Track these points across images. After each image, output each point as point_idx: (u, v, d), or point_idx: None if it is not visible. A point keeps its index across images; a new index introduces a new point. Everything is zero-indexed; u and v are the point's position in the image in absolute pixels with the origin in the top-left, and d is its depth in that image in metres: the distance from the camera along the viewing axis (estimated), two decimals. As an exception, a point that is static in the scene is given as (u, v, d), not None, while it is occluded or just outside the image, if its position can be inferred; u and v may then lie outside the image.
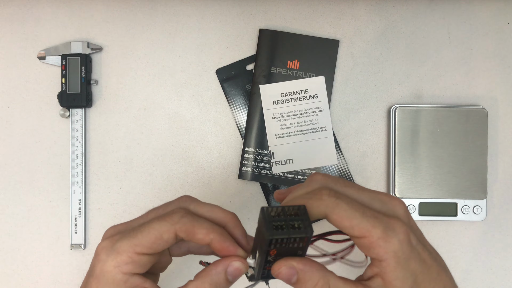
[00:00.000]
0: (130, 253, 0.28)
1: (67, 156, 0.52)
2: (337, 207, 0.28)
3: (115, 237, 0.29)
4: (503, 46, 0.53)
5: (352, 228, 0.28)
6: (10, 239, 0.52)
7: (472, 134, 0.50)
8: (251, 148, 0.51)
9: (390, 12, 0.53)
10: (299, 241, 0.28)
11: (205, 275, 0.29)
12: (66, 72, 0.51)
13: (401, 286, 0.28)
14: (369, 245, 0.28)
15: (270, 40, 0.52)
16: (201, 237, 0.29)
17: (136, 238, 0.28)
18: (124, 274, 0.28)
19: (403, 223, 0.28)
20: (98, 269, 0.29)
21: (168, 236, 0.29)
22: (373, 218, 0.28)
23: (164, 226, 0.29)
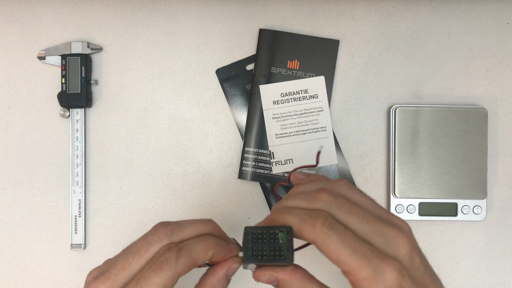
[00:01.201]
0: None
1: (67, 156, 0.52)
2: (327, 239, 0.27)
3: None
4: (503, 46, 0.53)
5: (339, 263, 0.27)
6: (10, 239, 0.52)
7: (472, 134, 0.50)
8: (251, 148, 0.51)
9: (390, 12, 0.53)
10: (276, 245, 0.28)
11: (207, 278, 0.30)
12: (66, 72, 0.51)
13: None
14: (354, 283, 0.27)
15: (270, 40, 0.52)
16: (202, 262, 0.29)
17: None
18: None
19: (397, 267, 0.27)
20: None
21: (171, 284, 0.28)
22: (363, 257, 0.26)
23: (165, 276, 0.27)
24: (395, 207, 0.50)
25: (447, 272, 0.52)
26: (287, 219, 0.28)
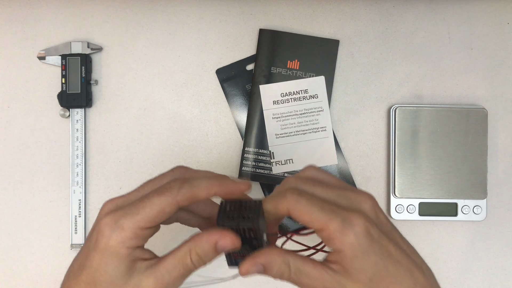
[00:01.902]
0: (134, 229, 0.29)
1: (67, 156, 0.52)
2: (297, 204, 0.29)
3: (117, 213, 0.30)
4: (503, 46, 0.53)
5: (311, 222, 0.29)
6: (10, 239, 0.52)
7: (472, 134, 0.50)
8: (251, 148, 0.51)
9: (390, 12, 0.53)
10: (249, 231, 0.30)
11: (196, 240, 0.31)
12: (66, 72, 0.51)
13: (358, 277, 0.29)
14: (328, 237, 0.29)
15: (270, 40, 0.52)
16: (204, 196, 0.30)
17: (139, 215, 0.29)
18: (128, 249, 0.30)
19: (362, 216, 0.29)
20: (102, 244, 0.29)
21: (170, 209, 0.30)
22: (330, 212, 0.29)
23: (165, 200, 0.30)
24: (395, 207, 0.50)
25: (447, 272, 0.52)
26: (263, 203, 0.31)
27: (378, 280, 0.30)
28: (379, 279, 0.30)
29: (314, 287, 0.30)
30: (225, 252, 0.32)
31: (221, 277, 0.36)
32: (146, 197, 0.30)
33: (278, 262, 0.31)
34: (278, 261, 0.31)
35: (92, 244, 0.30)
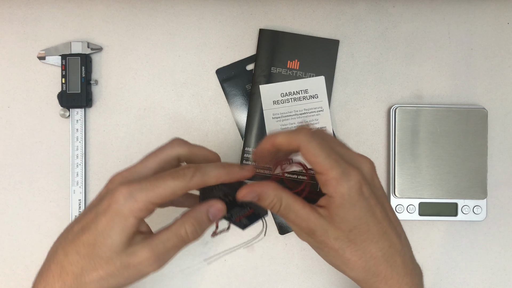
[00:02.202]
0: (146, 202, 0.32)
1: (67, 156, 0.52)
2: (308, 144, 0.32)
3: (133, 185, 0.32)
4: (503, 46, 0.53)
5: (315, 164, 0.32)
6: (10, 239, 0.52)
7: (472, 134, 0.50)
8: (251, 148, 0.51)
9: (390, 12, 0.53)
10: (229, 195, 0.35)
11: (189, 213, 0.34)
12: (66, 72, 0.51)
13: (340, 225, 0.33)
14: (324, 182, 0.32)
15: (270, 40, 0.52)
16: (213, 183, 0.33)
17: (153, 192, 0.32)
18: (136, 219, 0.32)
19: (359, 174, 0.33)
20: (114, 210, 0.31)
21: (181, 192, 0.32)
22: (334, 160, 0.32)
23: (179, 184, 0.32)
24: (395, 207, 0.50)
25: (447, 272, 0.52)
26: (276, 137, 0.34)
27: (357, 233, 0.33)
28: (358, 232, 0.33)
29: (299, 224, 0.34)
30: (229, 222, 0.37)
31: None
32: (162, 177, 0.32)
33: (272, 195, 0.33)
34: (272, 195, 0.33)
35: (102, 209, 0.32)
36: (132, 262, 0.32)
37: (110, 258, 0.31)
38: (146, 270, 0.32)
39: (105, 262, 0.31)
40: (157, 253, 0.32)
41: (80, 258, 0.32)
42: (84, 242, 0.32)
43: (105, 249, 0.31)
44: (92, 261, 0.31)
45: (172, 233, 0.33)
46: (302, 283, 0.52)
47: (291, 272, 0.52)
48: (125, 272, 0.32)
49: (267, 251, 0.52)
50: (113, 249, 0.31)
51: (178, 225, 0.33)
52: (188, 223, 0.33)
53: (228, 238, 0.51)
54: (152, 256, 0.32)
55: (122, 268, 0.32)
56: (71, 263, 0.32)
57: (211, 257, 0.43)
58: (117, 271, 0.32)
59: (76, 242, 0.32)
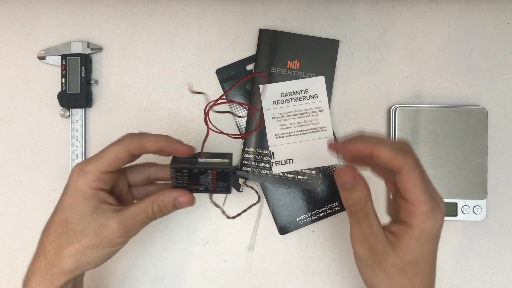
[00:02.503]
0: (96, 172, 0.35)
1: (67, 156, 0.52)
2: (413, 172, 0.32)
3: (83, 162, 0.36)
4: (503, 46, 0.53)
5: (410, 193, 0.32)
6: (10, 239, 0.52)
7: (472, 134, 0.50)
8: (251, 148, 0.51)
9: (390, 12, 0.53)
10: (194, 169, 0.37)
11: (158, 195, 0.37)
12: (66, 72, 0.51)
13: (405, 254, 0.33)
14: (411, 212, 0.33)
15: (270, 40, 0.52)
16: (151, 147, 0.36)
17: (98, 161, 0.35)
18: (92, 189, 0.35)
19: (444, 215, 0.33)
20: (71, 187, 0.35)
21: (123, 155, 0.35)
22: (429, 197, 0.32)
23: (119, 148, 0.35)
24: (395, 207, 0.50)
25: (447, 272, 0.52)
26: (380, 149, 0.32)
27: (414, 265, 0.33)
28: (416, 265, 0.33)
29: (367, 237, 0.34)
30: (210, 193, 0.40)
31: None
32: (105, 148, 0.36)
33: (365, 192, 0.34)
34: (365, 191, 0.34)
35: (64, 190, 0.36)
36: (104, 232, 0.35)
37: (83, 229, 0.35)
38: (117, 241, 0.35)
39: (80, 234, 0.35)
40: (126, 226, 0.35)
41: (58, 236, 0.35)
42: (57, 221, 0.35)
43: (76, 222, 0.35)
44: (68, 235, 0.35)
45: (141, 209, 0.36)
46: (302, 283, 0.52)
47: (291, 272, 0.52)
48: (98, 242, 0.35)
49: (267, 251, 0.52)
50: (84, 221, 0.35)
51: (147, 203, 0.36)
52: (156, 204, 0.36)
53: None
54: (121, 228, 0.35)
55: (96, 239, 0.35)
56: (51, 241, 0.35)
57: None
58: (91, 242, 0.35)
59: (52, 223, 0.36)
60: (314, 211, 0.51)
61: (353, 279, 0.51)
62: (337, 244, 0.52)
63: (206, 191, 0.39)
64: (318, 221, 0.52)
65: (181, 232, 0.52)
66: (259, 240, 0.52)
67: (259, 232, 0.52)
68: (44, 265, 0.35)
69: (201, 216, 0.52)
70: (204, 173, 0.38)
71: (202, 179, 0.38)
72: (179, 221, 0.52)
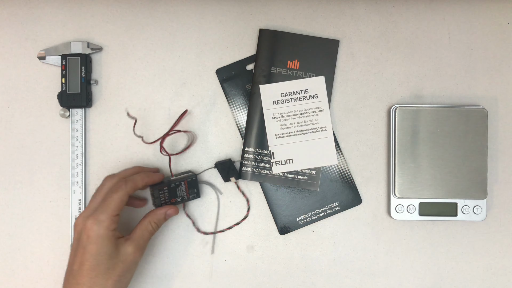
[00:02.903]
0: (109, 218, 0.43)
1: (67, 156, 0.52)
2: None
3: (93, 215, 0.43)
4: (503, 46, 0.53)
5: None
6: (10, 239, 0.52)
7: (472, 134, 0.50)
8: (251, 148, 0.51)
9: (390, 12, 0.53)
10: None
11: (152, 213, 0.47)
12: (66, 72, 0.51)
13: None
14: None
15: (270, 40, 0.52)
16: (140, 185, 0.46)
17: (109, 208, 0.43)
18: (111, 231, 0.43)
19: None
20: (93, 236, 0.42)
21: (125, 198, 0.44)
22: None
23: (121, 193, 0.44)
24: (395, 207, 0.50)
25: (447, 272, 0.52)
26: None
27: None
28: None
29: None
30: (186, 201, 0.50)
31: None
32: (107, 196, 0.44)
33: None
34: None
35: (86, 242, 0.42)
36: (128, 259, 0.44)
37: (114, 264, 0.43)
38: (138, 260, 0.45)
39: (112, 269, 0.43)
40: (139, 246, 0.45)
41: (94, 279, 0.42)
42: (88, 268, 0.42)
43: (106, 262, 0.42)
44: (104, 274, 0.42)
45: (144, 230, 0.46)
46: (302, 283, 0.52)
47: (291, 272, 0.52)
48: (128, 268, 0.44)
49: (267, 251, 0.52)
50: (112, 258, 0.43)
51: (146, 224, 0.46)
52: (152, 221, 0.47)
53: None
54: (138, 250, 0.45)
55: (125, 267, 0.43)
56: (90, 286, 0.42)
57: None
58: (123, 270, 0.43)
59: (83, 272, 0.42)
60: (314, 211, 0.51)
61: (353, 279, 0.52)
62: (337, 244, 0.52)
63: (182, 200, 0.49)
64: (318, 221, 0.52)
65: (181, 232, 0.52)
66: (259, 240, 0.52)
67: (259, 232, 0.52)
68: None
69: (201, 216, 0.52)
70: (179, 186, 0.48)
71: (178, 191, 0.49)
72: (179, 221, 0.52)
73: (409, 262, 0.52)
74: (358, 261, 0.52)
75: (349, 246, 0.52)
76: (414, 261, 0.52)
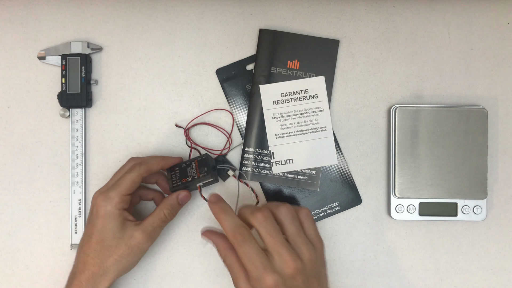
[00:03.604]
0: (119, 196, 0.44)
1: (67, 156, 0.52)
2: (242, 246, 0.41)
3: (105, 191, 0.44)
4: (503, 46, 0.53)
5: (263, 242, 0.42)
6: (10, 239, 0.52)
7: (472, 134, 0.50)
8: (251, 148, 0.51)
9: (390, 12, 0.53)
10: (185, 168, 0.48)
11: (165, 199, 0.47)
12: (66, 72, 0.51)
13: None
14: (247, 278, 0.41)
15: (270, 40, 0.52)
16: (155, 167, 0.46)
17: (120, 187, 0.44)
18: (118, 210, 0.44)
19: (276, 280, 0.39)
20: (101, 212, 0.43)
21: (137, 179, 0.45)
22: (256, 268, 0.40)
23: (133, 174, 0.45)
24: (395, 207, 0.50)
25: (447, 272, 0.52)
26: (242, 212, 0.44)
27: None
28: None
29: None
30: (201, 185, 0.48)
31: None
32: (121, 176, 0.45)
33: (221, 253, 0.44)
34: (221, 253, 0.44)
35: (95, 216, 0.44)
36: (133, 242, 0.44)
37: (117, 244, 0.43)
38: (144, 247, 0.45)
39: (115, 248, 0.43)
40: (148, 233, 0.44)
41: (98, 253, 0.43)
42: (94, 241, 0.44)
43: (110, 239, 0.43)
44: (106, 251, 0.43)
45: (155, 217, 0.45)
46: (302, 283, 0.51)
47: (291, 272, 0.52)
48: (130, 251, 0.44)
49: (267, 251, 0.52)
50: (116, 237, 0.43)
51: (158, 211, 0.46)
52: (165, 208, 0.46)
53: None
54: (145, 236, 0.44)
55: (128, 249, 0.44)
56: (93, 257, 0.43)
57: None
58: (125, 252, 0.44)
59: (90, 244, 0.44)
60: (314, 211, 0.51)
61: (353, 279, 0.51)
62: (337, 244, 0.52)
63: (193, 180, 0.47)
64: (318, 221, 0.52)
65: (181, 232, 0.52)
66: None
67: (259, 232, 0.52)
68: (90, 276, 0.43)
69: (201, 216, 0.52)
70: (189, 165, 0.48)
71: (189, 171, 0.48)
72: (179, 221, 0.52)
73: (409, 262, 0.52)
74: (358, 261, 0.52)
75: (349, 246, 0.52)
76: (414, 261, 0.52)
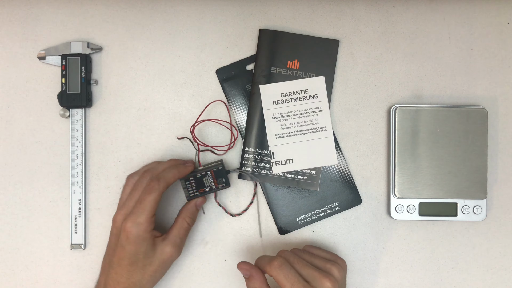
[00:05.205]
0: (147, 220, 0.44)
1: (67, 156, 0.52)
2: (277, 275, 0.42)
3: (131, 217, 0.44)
4: (503, 46, 0.53)
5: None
6: (10, 239, 0.52)
7: (472, 134, 0.50)
8: (251, 148, 0.51)
9: (390, 12, 0.53)
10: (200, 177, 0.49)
11: (184, 209, 0.49)
12: (66, 72, 0.51)
13: None
14: None
15: (270, 40, 0.52)
16: (172, 181, 0.46)
17: (146, 210, 0.44)
18: (148, 233, 0.45)
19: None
20: (132, 237, 0.44)
21: (159, 198, 0.45)
22: None
23: (155, 194, 0.45)
24: (395, 207, 0.50)
25: (447, 272, 0.52)
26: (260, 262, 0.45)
27: None
28: None
29: None
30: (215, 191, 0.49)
31: None
32: (142, 199, 0.45)
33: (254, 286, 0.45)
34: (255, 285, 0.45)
35: (123, 241, 0.44)
36: (165, 257, 0.46)
37: (151, 262, 0.45)
38: (175, 258, 0.47)
39: (149, 265, 0.45)
40: (176, 245, 0.46)
41: (131, 273, 0.45)
42: (127, 264, 0.45)
43: (143, 260, 0.45)
44: (141, 270, 0.45)
45: (180, 228, 0.47)
46: (302, 283, 0.51)
47: (291, 272, 0.52)
48: (164, 265, 0.46)
49: (267, 251, 0.52)
50: (149, 256, 0.45)
51: (181, 221, 0.48)
52: (187, 217, 0.48)
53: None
54: (175, 248, 0.46)
55: (161, 264, 0.46)
56: (127, 278, 0.45)
57: None
58: (159, 267, 0.46)
59: (122, 266, 0.45)
60: (314, 211, 0.51)
61: (353, 279, 0.51)
62: (337, 244, 0.52)
63: (211, 190, 0.49)
64: (318, 221, 0.52)
65: (181, 232, 0.52)
66: (259, 240, 0.52)
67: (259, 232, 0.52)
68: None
69: (201, 216, 0.52)
70: (205, 176, 0.49)
71: (205, 181, 0.49)
72: (179, 221, 0.52)
73: (409, 262, 0.52)
74: (358, 261, 0.52)
75: (349, 246, 0.52)
76: (414, 261, 0.52)
